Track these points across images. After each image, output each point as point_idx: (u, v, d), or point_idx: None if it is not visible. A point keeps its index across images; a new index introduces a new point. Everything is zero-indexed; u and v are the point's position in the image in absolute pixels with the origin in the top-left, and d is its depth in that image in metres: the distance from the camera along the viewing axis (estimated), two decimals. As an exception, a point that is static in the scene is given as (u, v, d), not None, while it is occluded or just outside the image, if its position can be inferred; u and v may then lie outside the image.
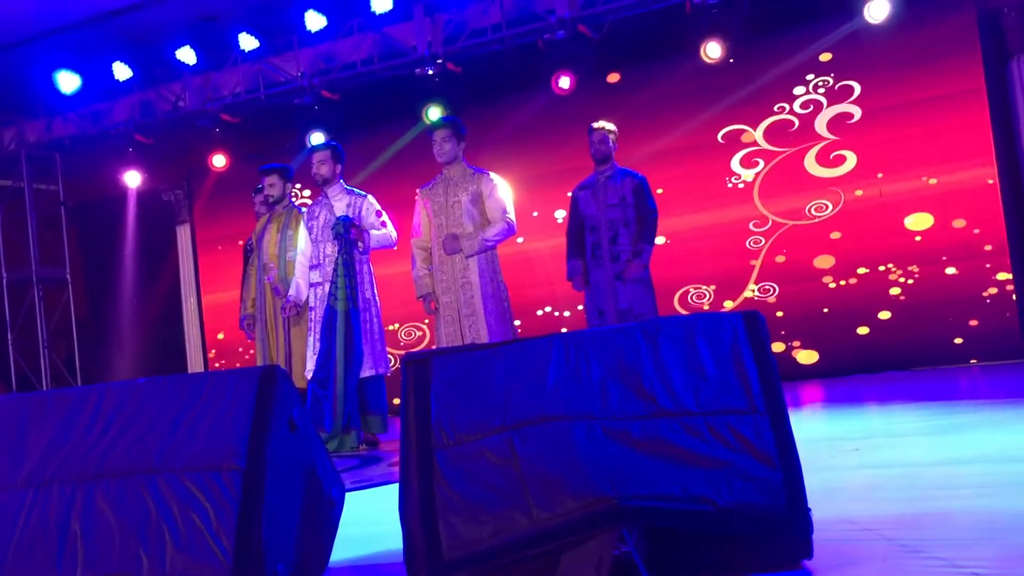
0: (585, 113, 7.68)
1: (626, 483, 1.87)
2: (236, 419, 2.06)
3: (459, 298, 5.34)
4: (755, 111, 7.80)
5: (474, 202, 5.39)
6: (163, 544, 1.90)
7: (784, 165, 7.72)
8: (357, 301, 5.28)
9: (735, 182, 7.86)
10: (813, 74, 7.61)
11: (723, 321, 2.15)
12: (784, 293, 7.72)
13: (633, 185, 5.82)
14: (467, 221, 5.37)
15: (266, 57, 8.17)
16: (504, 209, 5.41)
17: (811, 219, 7.61)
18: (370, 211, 5.59)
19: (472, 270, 5.34)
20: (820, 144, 7.58)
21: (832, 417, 4.87)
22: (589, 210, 5.87)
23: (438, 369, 2.15)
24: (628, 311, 5.66)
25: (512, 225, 5.44)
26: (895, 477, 2.92)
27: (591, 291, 5.88)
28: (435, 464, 2.00)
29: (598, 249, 5.82)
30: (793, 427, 1.97)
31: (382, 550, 2.52)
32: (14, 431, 2.13)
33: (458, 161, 5.51)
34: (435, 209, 5.48)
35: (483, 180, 5.46)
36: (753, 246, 7.80)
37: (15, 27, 7.54)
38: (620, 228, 5.75)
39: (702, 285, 8.03)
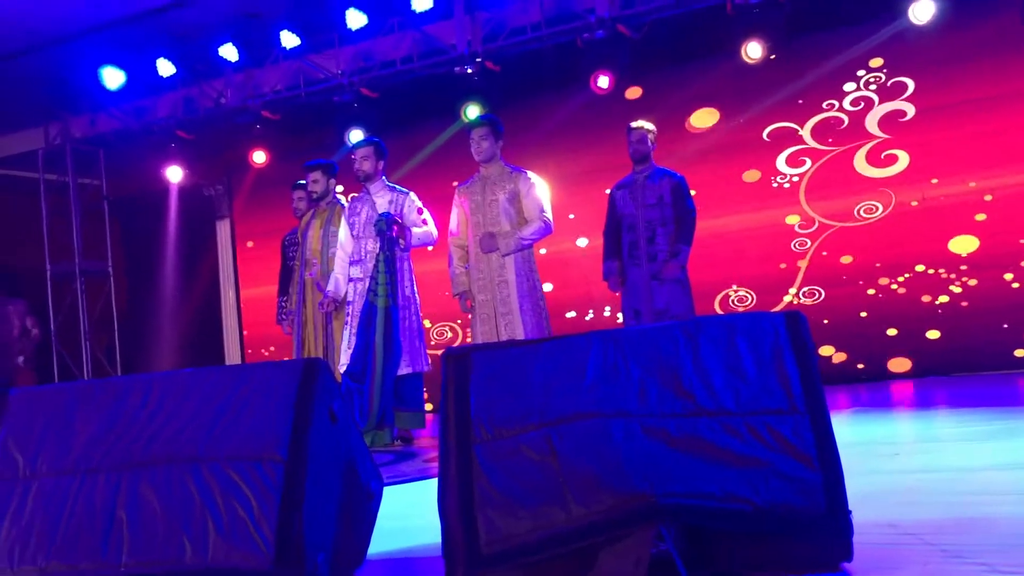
0: (624, 112, 7.67)
1: (664, 481, 1.87)
2: (279, 410, 2.09)
3: (495, 296, 5.35)
4: (803, 108, 7.53)
5: (511, 201, 5.40)
6: (206, 532, 1.93)
7: (832, 164, 7.44)
8: (397, 298, 5.28)
9: (780, 181, 7.60)
10: (864, 70, 7.30)
11: (764, 321, 2.14)
12: (830, 297, 7.43)
13: (672, 185, 5.78)
14: (504, 220, 5.38)
15: (307, 55, 8.23)
16: (541, 208, 5.41)
17: (860, 221, 7.33)
18: (412, 208, 5.59)
19: (509, 268, 5.35)
20: (871, 143, 7.28)
21: (873, 421, 4.82)
22: (627, 209, 5.85)
23: (478, 364, 2.16)
24: (664, 311, 5.62)
25: (549, 224, 5.43)
26: (936, 482, 2.89)
27: (627, 291, 5.85)
28: (474, 458, 2.02)
29: (635, 249, 5.80)
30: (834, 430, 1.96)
31: (419, 544, 2.54)
32: (62, 418, 2.18)
33: (496, 159, 5.52)
34: (472, 207, 5.50)
35: (521, 179, 5.47)
36: (798, 248, 7.54)
37: (62, 24, 7.66)
38: (658, 228, 5.73)
39: (743, 288, 7.78)
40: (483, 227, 5.42)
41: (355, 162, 5.68)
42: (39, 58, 8.06)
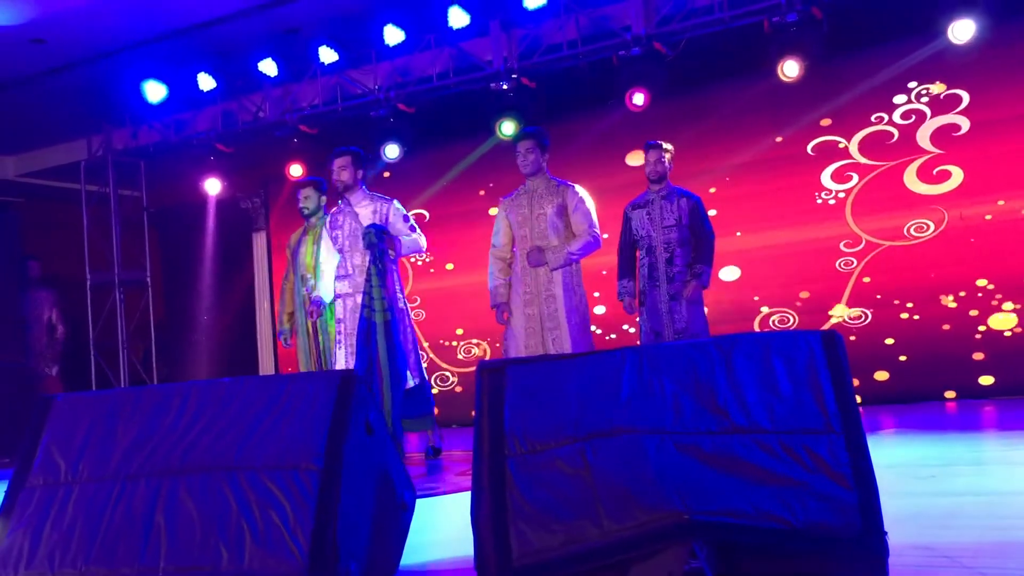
0: (660, 129, 7.66)
1: (697, 498, 1.86)
2: (315, 421, 2.11)
3: (543, 311, 5.30)
4: (850, 121, 7.23)
5: (559, 215, 5.36)
6: (242, 539, 1.95)
7: (881, 180, 7.13)
8: (394, 310, 5.08)
9: (825, 197, 7.33)
10: (916, 82, 7.00)
11: (800, 340, 2.13)
12: (877, 320, 7.08)
13: (690, 206, 5.74)
14: (552, 233, 5.33)
15: (344, 70, 8.31)
16: (591, 223, 5.35)
17: (910, 240, 7.01)
18: (398, 216, 5.42)
19: (556, 283, 5.30)
20: (922, 158, 6.97)
21: (914, 442, 4.76)
22: (644, 231, 5.82)
23: (513, 378, 2.17)
24: (684, 331, 5.59)
25: (599, 238, 5.38)
26: (974, 505, 2.85)
27: (648, 312, 5.80)
28: (507, 472, 2.03)
29: (654, 271, 5.75)
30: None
31: (452, 556, 2.55)
32: (104, 425, 2.22)
33: (542, 172, 5.48)
34: (519, 221, 5.44)
35: (568, 192, 5.42)
36: (844, 268, 7.25)
37: (106, 38, 7.80)
38: (676, 249, 5.70)
39: (786, 309, 7.50)
40: (531, 240, 5.36)
41: (333, 173, 5.50)
42: (83, 72, 8.21)
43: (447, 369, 8.93)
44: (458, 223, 8.78)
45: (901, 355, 7.06)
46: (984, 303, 6.80)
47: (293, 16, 7.76)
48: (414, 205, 8.67)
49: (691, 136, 7.64)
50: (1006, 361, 6.68)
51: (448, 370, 8.91)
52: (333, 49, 8.09)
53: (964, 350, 6.81)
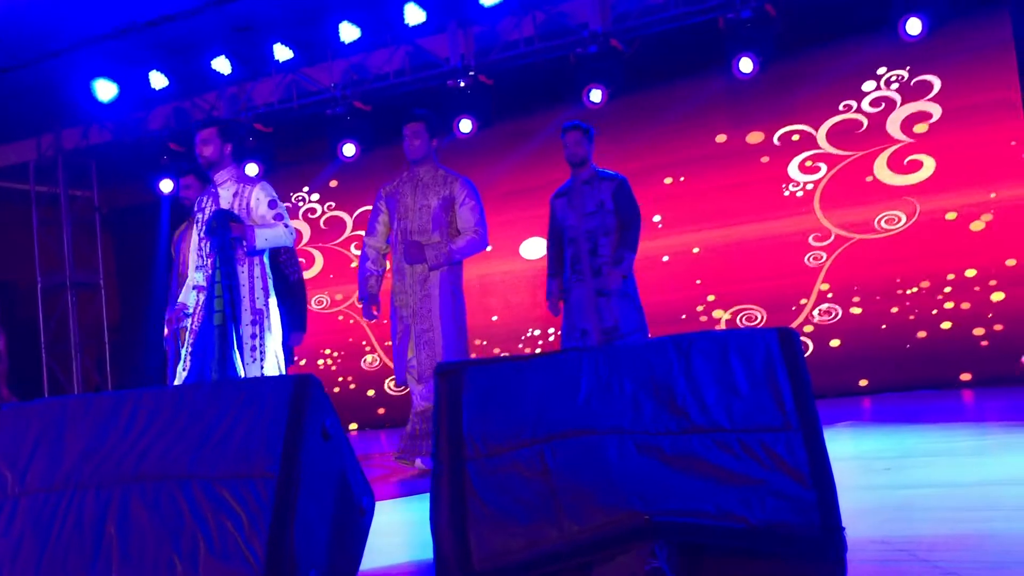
0: (617, 126, 7.68)
1: (658, 499, 1.86)
2: (270, 426, 2.07)
3: (416, 311, 4.81)
4: (817, 110, 7.02)
5: (445, 208, 4.86)
6: (196, 549, 1.91)
7: (850, 171, 6.92)
8: (239, 314, 4.36)
9: (792, 190, 7.14)
10: (886, 67, 6.78)
11: (756, 337, 2.14)
12: (848, 316, 6.90)
13: (612, 188, 5.25)
14: (434, 228, 4.83)
15: (300, 68, 8.25)
16: (478, 219, 4.89)
17: (881, 232, 6.82)
18: (261, 202, 4.58)
19: (433, 283, 4.81)
20: (893, 147, 6.79)
21: (871, 435, 4.82)
22: (567, 220, 5.32)
23: (470, 380, 2.15)
24: (613, 330, 5.06)
25: (485, 238, 4.93)
26: (929, 498, 2.89)
27: (571, 309, 5.28)
28: (466, 475, 2.01)
29: (578, 263, 5.24)
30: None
31: (411, 559, 2.53)
32: (52, 434, 2.16)
33: (430, 160, 4.98)
34: (400, 211, 4.93)
35: (457, 185, 4.91)
36: (813, 263, 7.06)
37: (55, 36, 7.66)
38: (600, 238, 5.19)
39: (752, 306, 7.26)
40: (410, 234, 4.87)
41: (196, 147, 4.69)
42: (32, 71, 8.05)
43: None
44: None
45: (872, 350, 6.89)
46: (957, 296, 6.66)
47: (247, 13, 7.68)
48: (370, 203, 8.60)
49: (649, 133, 7.70)
50: (980, 354, 6.56)
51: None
52: (288, 47, 8.03)
53: (936, 344, 6.67)
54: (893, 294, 6.86)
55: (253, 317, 4.45)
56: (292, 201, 9.35)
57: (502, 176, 8.03)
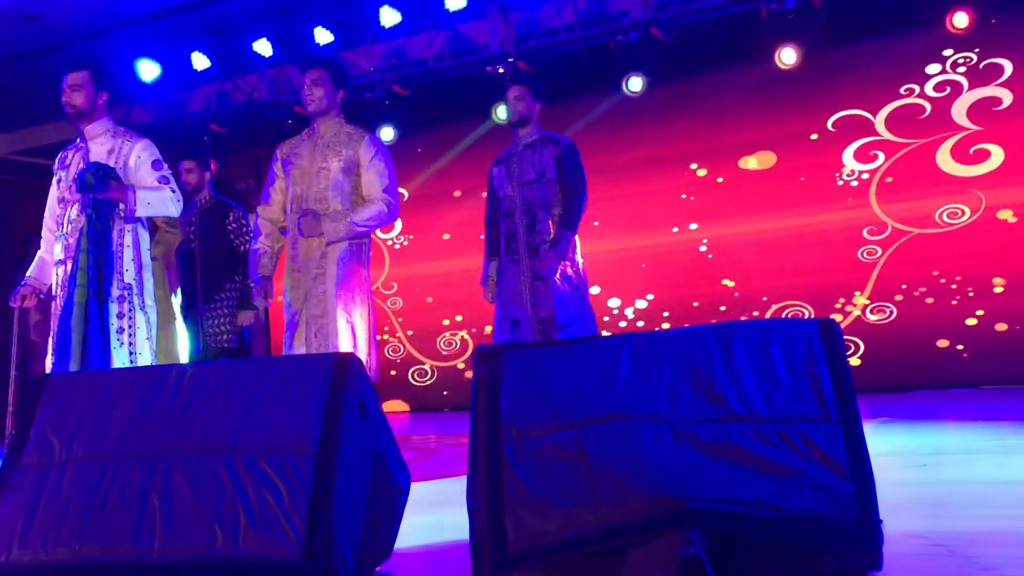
0: (657, 115, 7.64)
1: (694, 485, 1.86)
2: (310, 403, 2.10)
3: (308, 293, 4.05)
4: (876, 94, 6.57)
5: (347, 171, 4.11)
6: (237, 521, 1.94)
7: (910, 160, 6.49)
8: (107, 289, 3.74)
9: (847, 179, 6.73)
10: (952, 49, 6.30)
11: (798, 327, 2.13)
12: (903, 315, 6.50)
13: (555, 154, 4.57)
14: (335, 195, 4.08)
15: (340, 51, 8.27)
16: (387, 185, 4.13)
17: (942, 227, 6.40)
18: (142, 162, 3.99)
19: (331, 259, 4.05)
20: (958, 135, 6.34)
21: (904, 432, 4.77)
22: (503, 190, 4.62)
23: (510, 363, 2.16)
24: (549, 320, 4.42)
25: (392, 207, 4.14)
26: (967, 495, 2.87)
27: (503, 295, 4.59)
28: (503, 457, 2.02)
29: (513, 240, 4.55)
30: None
31: (447, 540, 2.55)
32: (99, 405, 2.20)
33: (334, 115, 4.23)
34: (296, 175, 4.17)
35: (363, 144, 4.15)
36: (867, 258, 6.67)
37: (100, 16, 7.75)
38: (539, 211, 4.51)
39: (799, 302, 6.88)
40: (306, 202, 4.11)
41: (62, 94, 4.08)
42: (77, 50, 8.14)
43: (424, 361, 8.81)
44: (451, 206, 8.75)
45: (923, 348, 6.53)
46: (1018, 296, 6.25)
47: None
48: (408, 188, 8.62)
49: (689, 121, 7.62)
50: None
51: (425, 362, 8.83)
52: (328, 30, 8.05)
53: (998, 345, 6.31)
54: (950, 291, 6.51)
55: (120, 293, 3.85)
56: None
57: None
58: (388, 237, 8.99)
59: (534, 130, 4.71)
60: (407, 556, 2.39)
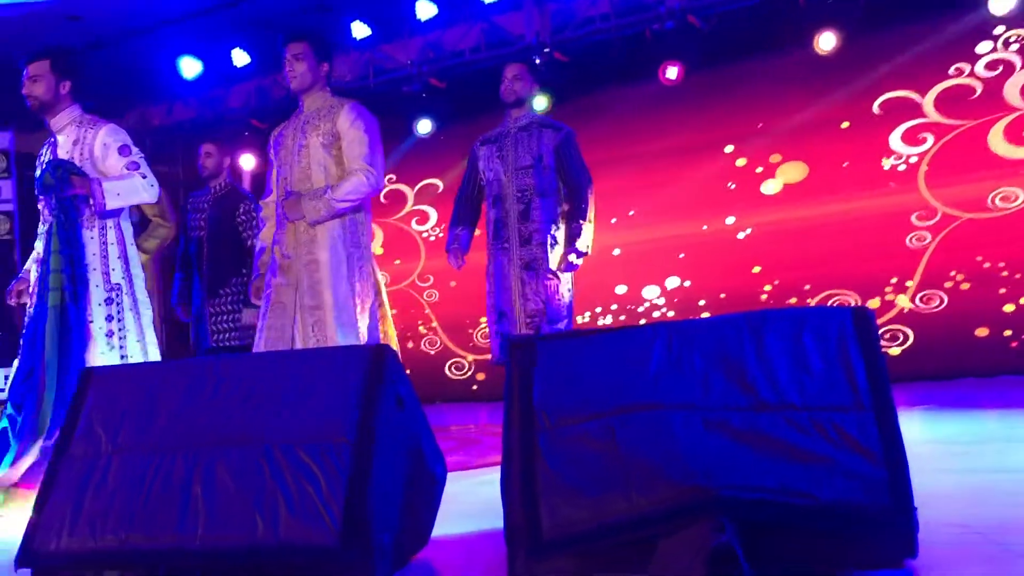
0: (693, 103, 7.59)
1: (725, 474, 1.87)
2: (347, 394, 2.14)
3: (300, 281, 3.78)
4: (924, 75, 6.36)
5: (328, 146, 3.83)
6: (277, 510, 1.99)
7: (961, 142, 6.27)
8: (80, 292, 3.52)
9: (894, 163, 6.51)
10: (1004, 26, 6.04)
11: (831, 316, 2.13)
12: (954, 303, 6.28)
13: (556, 142, 4.38)
14: (319, 173, 3.82)
15: (377, 45, 8.33)
16: (367, 153, 3.82)
17: (995, 211, 6.17)
18: (109, 149, 3.74)
19: (321, 244, 3.77)
20: (1011, 116, 6.09)
21: (949, 420, 4.71)
22: (492, 173, 4.42)
23: (543, 353, 2.19)
24: (539, 313, 4.23)
25: (374, 176, 3.81)
26: (1007, 483, 2.84)
27: (493, 285, 4.43)
28: (537, 446, 2.05)
29: (502, 228, 4.34)
30: (901, 428, 1.94)
31: (482, 528, 2.58)
32: (143, 397, 2.27)
33: (318, 90, 3.96)
34: (282, 156, 3.95)
35: (342, 113, 3.87)
36: (915, 244, 6.44)
37: (142, 15, 7.88)
38: (534, 199, 4.30)
39: (845, 291, 6.69)
40: (291, 184, 3.86)
41: (23, 86, 3.81)
42: (119, 48, 8.29)
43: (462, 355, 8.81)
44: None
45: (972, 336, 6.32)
46: None
47: (326, -9, 7.79)
48: (445, 180, 8.66)
49: (727, 110, 7.56)
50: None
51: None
52: (366, 24, 8.11)
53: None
54: (1002, 278, 6.30)
55: (108, 295, 3.65)
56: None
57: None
58: (423, 229, 9.03)
59: (528, 112, 4.57)
60: (443, 543, 2.43)
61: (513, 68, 4.57)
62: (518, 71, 4.54)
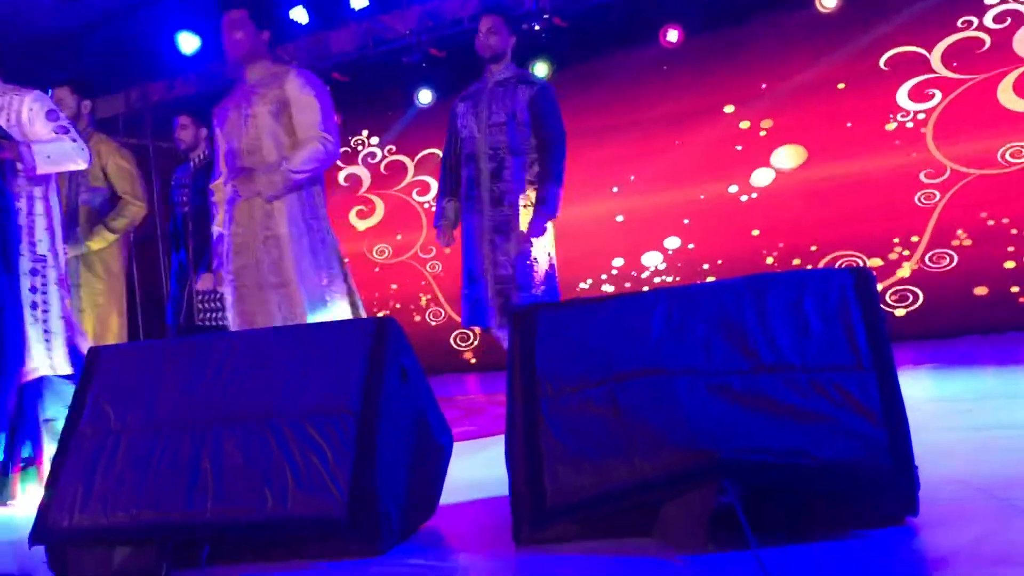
0: (694, 67, 7.53)
1: (727, 437, 1.89)
2: (351, 367, 2.16)
3: (260, 260, 3.64)
4: (930, 29, 6.23)
5: (277, 114, 3.65)
6: (285, 483, 2.02)
7: (969, 97, 6.16)
8: (13, 260, 3.37)
9: (901, 120, 6.40)
10: None
11: (831, 277, 2.14)
12: (964, 262, 6.20)
13: (529, 96, 4.12)
14: (268, 142, 3.65)
15: (375, 16, 8.28)
16: (320, 119, 3.65)
17: (1005, 167, 6.04)
18: (35, 115, 3.59)
19: (279, 219, 3.62)
20: (1020, 69, 5.98)
21: (953, 377, 4.72)
22: (467, 130, 4.20)
23: (544, 321, 2.20)
24: (508, 279, 4.01)
25: (331, 144, 3.67)
26: (1010, 439, 2.85)
27: (464, 247, 4.21)
28: (540, 414, 2.07)
29: (474, 187, 4.11)
30: (906, 387, 1.95)
31: (487, 495, 2.61)
32: (149, 375, 2.29)
33: (259, 57, 3.79)
34: (227, 129, 3.76)
35: (288, 79, 3.70)
36: (924, 202, 6.36)
37: (139, -9, 7.86)
38: (507, 157, 4.07)
39: (853, 252, 6.60)
40: (238, 156, 3.70)
41: None
42: (117, 26, 8.26)
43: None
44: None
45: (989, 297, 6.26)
46: None
47: (323, -38, 7.73)
48: (434, 146, 8.62)
49: (728, 72, 7.50)
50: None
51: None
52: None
53: None
54: (1011, 235, 6.24)
55: (33, 266, 3.53)
56: (352, 146, 9.37)
57: (573, 118, 7.89)
58: (425, 200, 9.01)
59: (507, 67, 4.28)
60: (450, 511, 2.45)
61: (487, 20, 4.30)
62: (492, 23, 4.27)
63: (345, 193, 9.50)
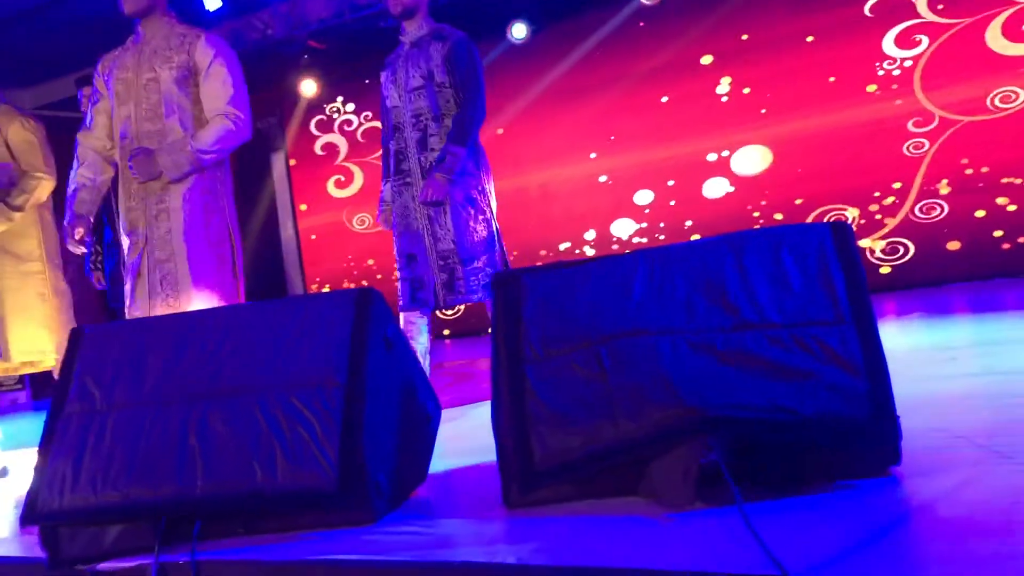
0: (675, 25, 7.48)
1: (711, 394, 1.90)
2: (335, 338, 2.17)
3: (151, 235, 3.36)
4: None
5: (182, 81, 3.36)
6: (274, 455, 2.03)
7: (957, 42, 6.05)
8: None
9: (888, 68, 6.32)
10: None
11: (810, 232, 2.15)
12: (956, 210, 6.14)
13: (444, 52, 3.70)
14: (169, 112, 3.35)
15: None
16: (229, 95, 3.35)
17: (995, 112, 5.96)
18: None
19: (174, 193, 3.36)
20: (1009, 10, 5.82)
21: (939, 326, 4.76)
22: (390, 100, 3.82)
23: (528, 286, 2.20)
24: (451, 253, 3.68)
25: (242, 122, 3.38)
26: (990, 385, 2.88)
27: (397, 225, 3.83)
28: (525, 378, 2.08)
29: (403, 160, 3.76)
30: (892, 338, 1.96)
31: (476, 462, 2.63)
32: (133, 353, 2.29)
33: (159, 14, 3.47)
34: (120, 90, 3.43)
35: (198, 45, 3.39)
36: (913, 152, 6.28)
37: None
38: (430, 124, 3.70)
39: (841, 206, 6.54)
40: (136, 122, 3.38)
41: None
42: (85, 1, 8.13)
43: None
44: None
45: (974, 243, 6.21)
46: None
47: (294, -72, 7.61)
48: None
49: (709, 25, 7.45)
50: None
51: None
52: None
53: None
54: (1002, 183, 6.16)
55: None
56: (328, 114, 9.29)
57: (554, 79, 7.86)
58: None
59: (422, 24, 3.80)
60: (440, 479, 2.47)
61: None
62: None
63: (322, 162, 9.44)
